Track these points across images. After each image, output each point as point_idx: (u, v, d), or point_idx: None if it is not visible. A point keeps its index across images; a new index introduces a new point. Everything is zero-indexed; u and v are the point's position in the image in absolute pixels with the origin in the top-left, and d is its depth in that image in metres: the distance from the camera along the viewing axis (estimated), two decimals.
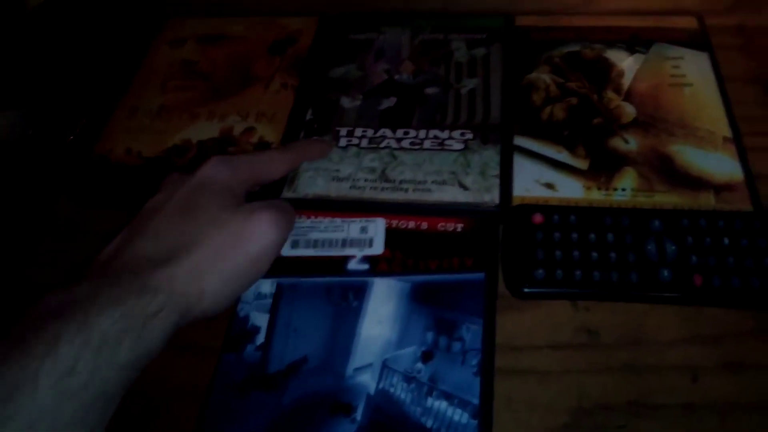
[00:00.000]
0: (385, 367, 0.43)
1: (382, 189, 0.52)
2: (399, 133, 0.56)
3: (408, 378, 0.43)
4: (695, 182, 0.51)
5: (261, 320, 0.46)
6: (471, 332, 0.44)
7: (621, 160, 0.53)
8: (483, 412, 0.41)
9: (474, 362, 0.43)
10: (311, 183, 0.53)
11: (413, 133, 0.56)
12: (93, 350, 0.33)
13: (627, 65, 0.59)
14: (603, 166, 0.53)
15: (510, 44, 0.63)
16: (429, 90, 0.60)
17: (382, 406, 0.42)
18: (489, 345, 0.44)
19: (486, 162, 0.53)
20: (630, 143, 0.54)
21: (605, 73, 0.59)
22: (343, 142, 0.56)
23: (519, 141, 0.55)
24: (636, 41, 0.61)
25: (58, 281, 0.37)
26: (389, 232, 0.50)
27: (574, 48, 0.62)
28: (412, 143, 0.55)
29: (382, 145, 0.55)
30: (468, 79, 0.60)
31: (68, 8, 0.71)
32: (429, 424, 0.41)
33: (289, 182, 0.53)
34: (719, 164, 0.52)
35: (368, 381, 0.43)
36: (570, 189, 0.51)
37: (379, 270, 0.48)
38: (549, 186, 0.52)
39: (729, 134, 0.53)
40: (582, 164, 0.53)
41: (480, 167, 0.53)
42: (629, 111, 0.56)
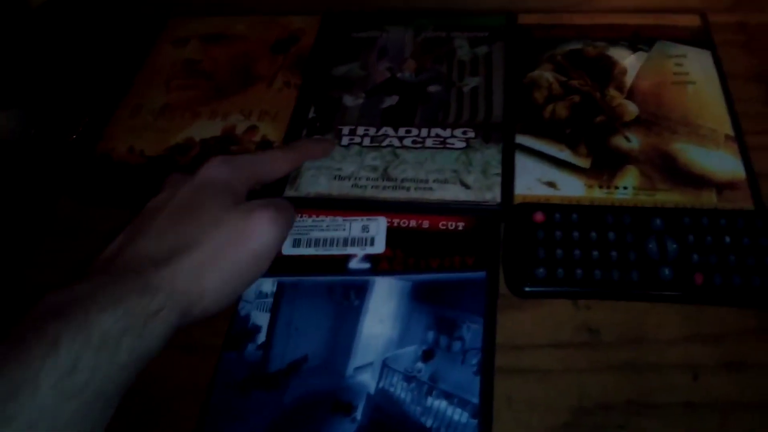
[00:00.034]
0: (386, 367, 0.43)
1: (384, 187, 0.52)
2: (401, 132, 0.56)
3: (408, 377, 0.43)
4: (697, 180, 0.51)
5: (262, 319, 0.47)
6: (471, 331, 0.44)
7: (623, 159, 0.53)
8: (483, 412, 0.41)
9: (474, 361, 0.43)
10: (313, 182, 0.53)
11: (415, 132, 0.56)
12: (93, 350, 0.33)
13: (629, 63, 0.59)
14: (605, 165, 0.52)
15: (512, 42, 0.63)
16: (431, 88, 0.60)
17: (383, 406, 0.42)
18: (489, 344, 0.44)
19: (488, 160, 0.53)
20: (632, 141, 0.53)
21: (608, 71, 0.59)
22: (346, 141, 0.56)
23: (521, 139, 0.55)
24: (638, 39, 0.61)
25: (60, 280, 0.37)
26: (390, 231, 0.50)
27: (577, 46, 0.62)
28: (414, 142, 0.55)
29: (384, 144, 0.55)
30: (470, 78, 0.60)
31: (71, 7, 0.71)
32: (429, 424, 0.41)
33: (292, 181, 0.53)
34: (721, 162, 0.52)
35: (368, 380, 0.43)
36: (572, 187, 0.51)
37: (381, 269, 0.48)
38: (551, 184, 0.52)
39: (731, 132, 0.53)
40: (584, 162, 0.53)
41: (482, 166, 0.53)
42: (632, 109, 0.56)
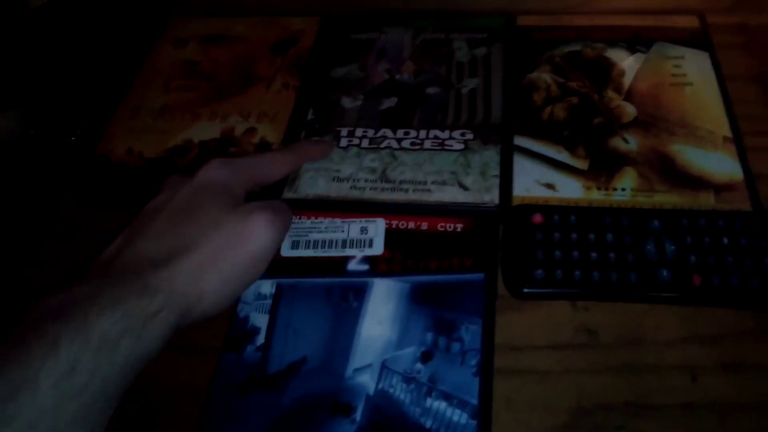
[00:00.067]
0: (385, 368, 0.43)
1: (383, 189, 0.52)
2: (399, 134, 0.56)
3: (407, 378, 0.43)
4: (695, 182, 0.51)
5: (261, 321, 0.47)
6: (470, 332, 0.44)
7: (621, 160, 0.53)
8: (482, 413, 0.41)
9: (473, 362, 0.43)
10: (312, 183, 0.53)
11: (414, 134, 0.56)
12: (93, 351, 0.33)
13: (628, 64, 0.59)
14: (603, 166, 0.53)
15: (511, 44, 0.63)
16: (430, 90, 0.60)
17: (382, 407, 0.42)
18: (488, 345, 0.44)
19: (486, 162, 0.53)
20: (630, 143, 0.54)
21: (606, 73, 0.59)
22: (344, 143, 0.56)
23: (519, 141, 0.55)
24: (637, 40, 0.61)
25: (60, 281, 0.37)
26: (389, 233, 0.50)
27: (575, 47, 0.62)
28: (413, 143, 0.55)
29: (383, 146, 0.55)
30: (469, 79, 0.60)
31: (71, 9, 0.71)
32: (428, 425, 0.41)
33: (290, 182, 0.53)
34: (719, 164, 0.52)
35: (368, 381, 0.43)
36: (570, 189, 0.51)
37: (379, 270, 0.48)
38: (549, 186, 0.52)
39: (729, 134, 0.53)
40: (582, 164, 0.53)
41: (480, 167, 0.53)
42: (630, 111, 0.56)
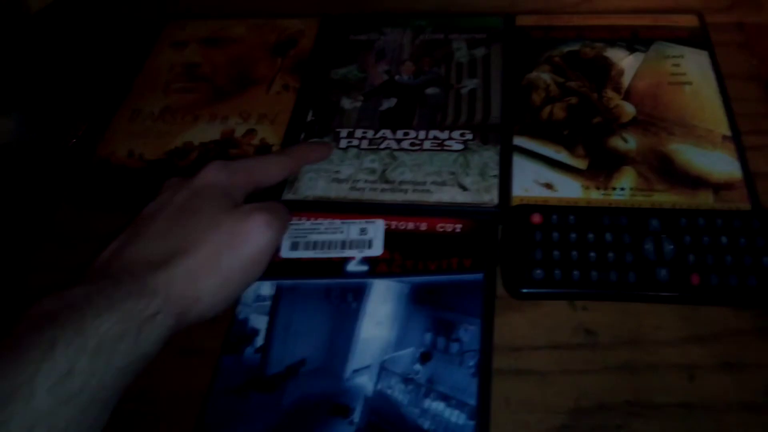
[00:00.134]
0: (383, 369, 0.43)
1: (382, 190, 0.52)
2: (399, 134, 0.56)
3: (406, 379, 0.43)
4: (694, 181, 0.51)
5: (260, 322, 0.47)
6: (469, 333, 0.44)
7: (620, 160, 0.53)
8: (480, 413, 0.41)
9: (472, 363, 0.43)
10: (312, 185, 0.53)
11: (413, 134, 0.56)
12: (89, 354, 0.34)
13: (627, 64, 0.59)
14: (602, 166, 0.53)
15: (510, 44, 0.63)
16: (429, 90, 0.60)
17: (380, 408, 0.42)
18: (487, 346, 0.44)
19: (485, 162, 0.53)
20: (629, 142, 0.54)
21: (605, 72, 0.59)
22: (344, 144, 0.56)
23: (518, 141, 0.55)
24: (636, 40, 0.61)
25: (60, 284, 0.37)
26: (388, 234, 0.50)
27: (574, 47, 0.62)
28: (412, 144, 0.55)
29: (382, 146, 0.55)
30: (468, 80, 0.60)
31: (70, 12, 0.71)
32: (426, 426, 0.41)
33: (290, 184, 0.54)
34: (718, 163, 0.52)
35: (366, 383, 0.43)
36: (569, 189, 0.51)
37: (379, 271, 0.48)
38: (548, 186, 0.52)
39: (728, 133, 0.53)
40: (581, 164, 0.53)
41: (479, 168, 0.53)
42: (629, 110, 0.56)
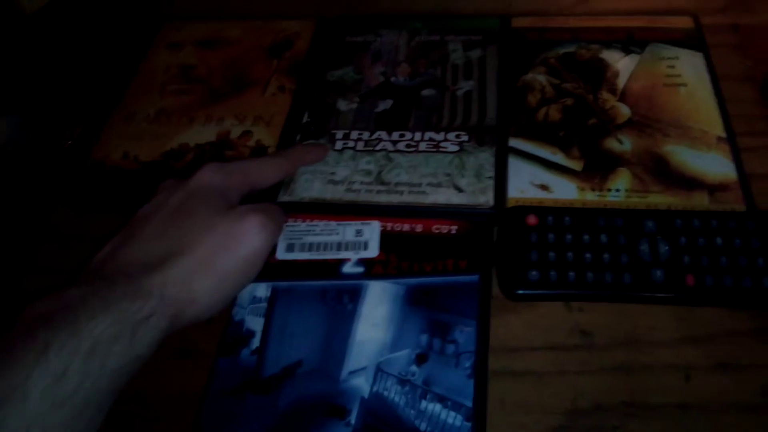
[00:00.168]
0: (379, 371, 0.43)
1: (378, 192, 0.52)
2: (395, 136, 0.56)
3: (402, 381, 0.43)
4: (689, 182, 0.51)
5: (256, 324, 0.47)
6: (465, 334, 0.44)
7: (615, 161, 0.53)
8: (476, 415, 0.41)
9: (468, 364, 0.43)
10: (308, 186, 0.53)
11: (409, 136, 0.56)
12: (83, 356, 0.33)
13: (622, 65, 0.60)
14: (597, 167, 0.53)
15: (506, 45, 0.63)
16: (425, 92, 0.60)
17: (376, 410, 0.42)
18: (483, 347, 0.44)
19: (481, 164, 0.53)
20: (624, 144, 0.54)
21: (600, 74, 0.59)
22: (339, 145, 0.56)
23: (514, 142, 0.55)
24: (631, 41, 0.62)
25: (57, 286, 0.37)
26: (384, 235, 0.50)
27: (570, 49, 0.62)
28: (408, 145, 0.55)
29: (378, 148, 0.55)
30: (464, 81, 0.60)
31: (66, 14, 0.71)
32: (423, 427, 0.41)
33: (286, 185, 0.53)
34: (713, 164, 0.52)
35: (362, 384, 0.43)
36: (564, 190, 0.52)
37: (374, 273, 0.48)
38: (543, 187, 0.52)
39: (723, 134, 0.53)
40: (576, 165, 0.53)
41: (475, 169, 0.53)
42: (624, 111, 0.56)
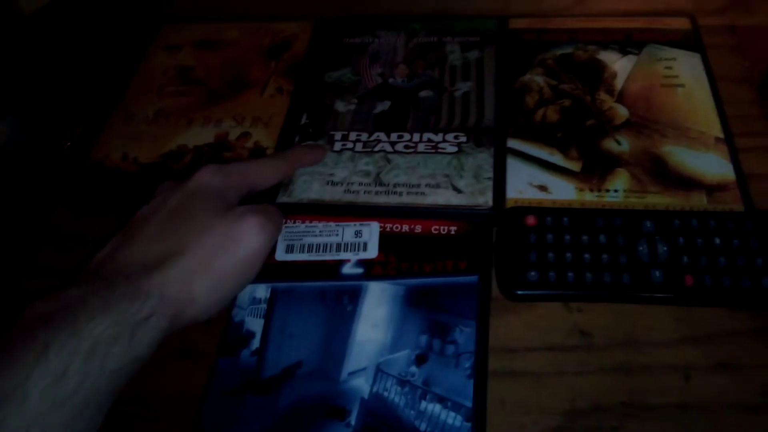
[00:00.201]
0: (379, 371, 0.43)
1: (377, 193, 0.52)
2: (393, 137, 0.56)
3: (402, 381, 0.43)
4: (687, 183, 0.51)
5: (256, 325, 0.47)
6: (464, 335, 0.44)
7: (613, 162, 0.53)
8: (476, 415, 0.41)
9: (467, 365, 0.43)
10: (307, 187, 0.53)
11: (407, 137, 0.56)
12: (83, 357, 0.33)
13: (620, 66, 0.60)
14: (595, 168, 0.53)
15: (504, 47, 0.63)
16: (423, 93, 0.60)
17: (376, 410, 0.42)
18: (482, 347, 0.44)
19: (480, 165, 0.53)
20: (622, 144, 0.54)
21: (598, 75, 0.59)
22: (338, 146, 0.56)
23: (512, 143, 0.55)
24: (629, 42, 0.62)
25: (56, 287, 0.37)
26: (383, 236, 0.50)
27: (568, 50, 0.62)
28: (406, 147, 0.55)
29: (377, 149, 0.56)
30: (462, 82, 0.60)
31: (64, 14, 0.71)
32: (423, 428, 0.41)
33: (285, 187, 0.53)
34: (711, 164, 0.52)
35: (362, 385, 0.43)
36: (563, 191, 0.52)
37: (374, 274, 0.48)
38: (542, 188, 0.52)
39: (721, 135, 0.53)
40: (575, 166, 0.53)
41: (474, 170, 0.53)
42: (622, 112, 0.56)
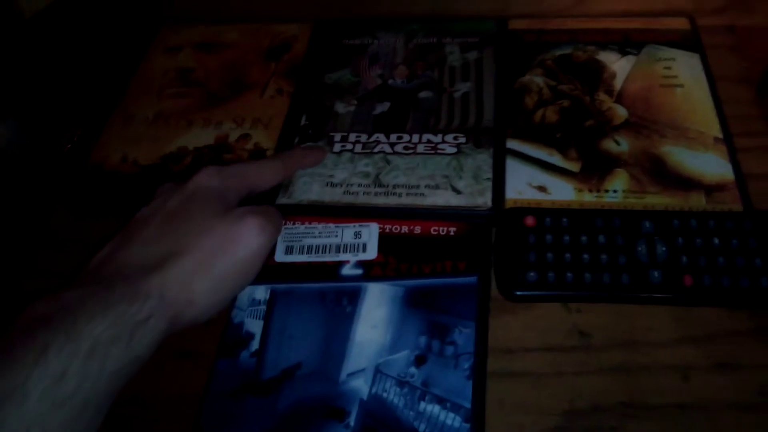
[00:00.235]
0: (378, 372, 0.44)
1: (376, 194, 0.52)
2: (393, 138, 0.56)
3: (401, 382, 0.43)
4: (686, 183, 0.51)
5: (255, 326, 0.47)
6: (463, 336, 0.44)
7: (612, 162, 0.53)
8: (475, 416, 0.41)
9: (466, 366, 0.43)
10: (306, 189, 0.53)
11: (407, 138, 0.56)
12: (82, 358, 0.34)
13: (619, 67, 0.60)
14: (595, 168, 0.53)
15: (503, 47, 0.63)
16: (422, 94, 0.60)
17: (376, 411, 0.42)
18: (481, 348, 0.44)
19: (479, 165, 0.53)
20: (621, 145, 0.54)
21: (597, 75, 0.59)
22: (338, 148, 0.56)
23: (511, 144, 0.55)
24: (628, 43, 0.62)
25: (55, 289, 0.37)
26: (383, 237, 0.51)
27: (567, 50, 0.62)
28: (406, 148, 0.55)
29: (376, 150, 0.56)
30: (461, 83, 0.60)
31: (64, 17, 0.71)
32: (422, 429, 0.41)
33: (284, 188, 0.54)
34: (710, 165, 0.52)
35: (362, 386, 0.43)
36: (562, 191, 0.52)
37: (373, 275, 0.48)
38: (541, 189, 0.52)
39: (720, 135, 0.53)
40: (574, 166, 0.53)
41: (473, 171, 0.53)
42: (621, 113, 0.56)
